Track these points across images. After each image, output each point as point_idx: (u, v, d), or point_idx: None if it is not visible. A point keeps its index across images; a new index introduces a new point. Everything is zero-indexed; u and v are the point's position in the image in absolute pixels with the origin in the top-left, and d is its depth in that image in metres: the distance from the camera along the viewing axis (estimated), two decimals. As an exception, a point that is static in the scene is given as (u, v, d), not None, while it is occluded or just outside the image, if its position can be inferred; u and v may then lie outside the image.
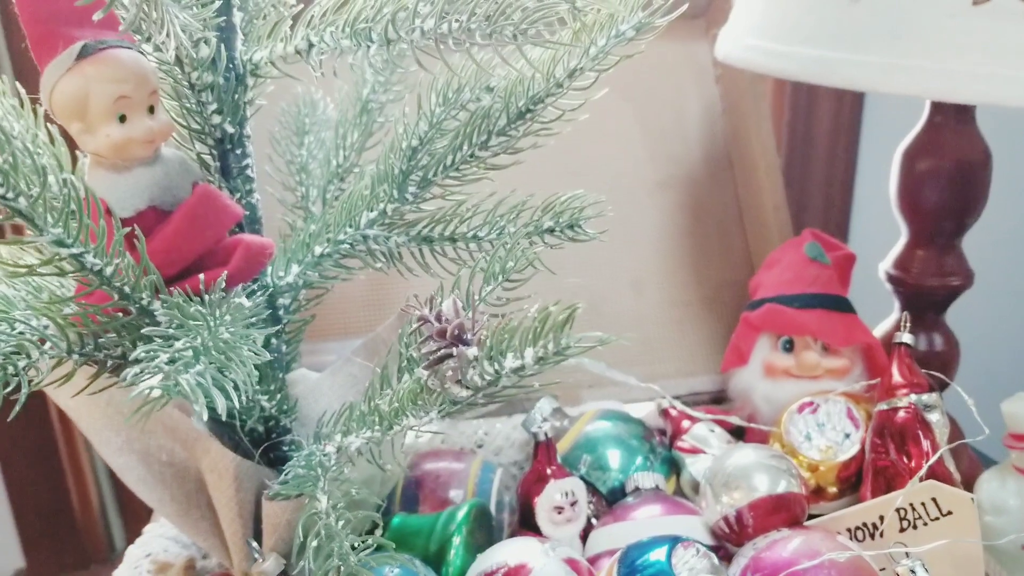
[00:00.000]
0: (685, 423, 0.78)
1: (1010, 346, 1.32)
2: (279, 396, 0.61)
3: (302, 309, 0.65)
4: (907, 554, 0.57)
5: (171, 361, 0.38)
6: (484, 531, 0.69)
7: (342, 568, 0.48)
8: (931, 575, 0.54)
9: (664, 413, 0.81)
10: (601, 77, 0.54)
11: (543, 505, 0.68)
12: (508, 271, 0.46)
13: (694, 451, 0.75)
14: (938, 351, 0.88)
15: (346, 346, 0.71)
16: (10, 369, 0.41)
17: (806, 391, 0.77)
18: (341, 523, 0.50)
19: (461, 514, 0.67)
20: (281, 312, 0.61)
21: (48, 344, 0.44)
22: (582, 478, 0.73)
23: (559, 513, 0.68)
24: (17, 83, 0.53)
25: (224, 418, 0.61)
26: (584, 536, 0.70)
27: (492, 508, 0.73)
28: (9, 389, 0.41)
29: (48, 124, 0.52)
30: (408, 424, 0.51)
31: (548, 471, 0.69)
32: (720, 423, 0.78)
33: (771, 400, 0.79)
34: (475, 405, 0.48)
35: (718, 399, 0.85)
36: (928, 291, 0.86)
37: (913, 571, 0.54)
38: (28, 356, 0.43)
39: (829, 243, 0.86)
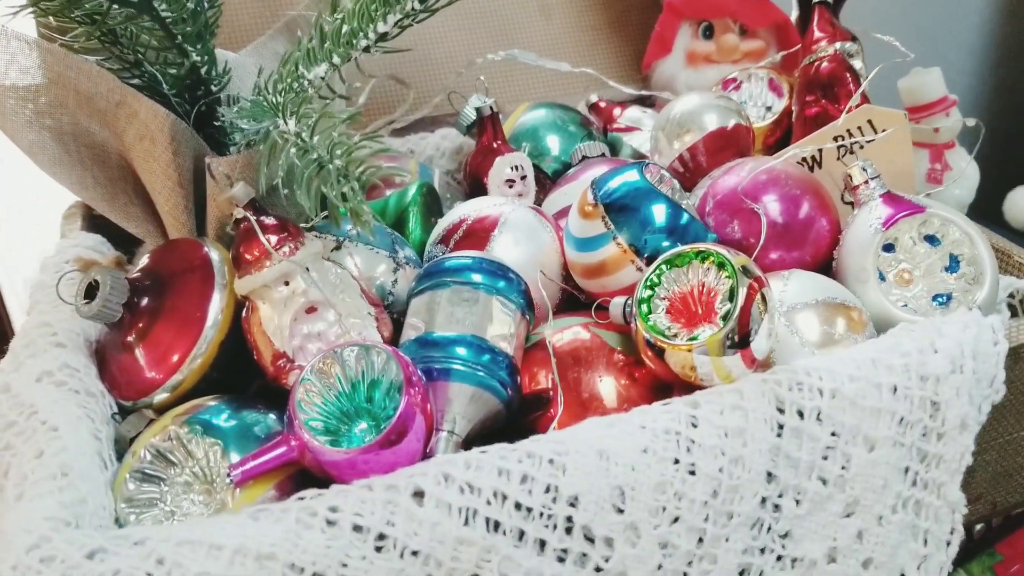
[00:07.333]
0: (616, 111, 0.79)
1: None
2: (207, 56, 0.57)
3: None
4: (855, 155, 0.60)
5: None
6: (436, 210, 0.68)
7: (337, 173, 0.46)
8: (878, 172, 0.58)
9: (593, 107, 0.81)
10: None
11: (494, 179, 0.68)
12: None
13: (629, 130, 0.76)
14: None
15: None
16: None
17: (726, 75, 0.79)
18: (316, 138, 0.48)
19: (413, 190, 0.66)
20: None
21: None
22: (524, 162, 0.73)
23: (510, 187, 0.68)
24: None
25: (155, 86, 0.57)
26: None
27: (436, 201, 0.72)
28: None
29: None
30: (361, 44, 0.50)
31: (495, 145, 0.68)
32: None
33: (694, 87, 0.81)
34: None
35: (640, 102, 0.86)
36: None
37: (865, 168, 0.58)
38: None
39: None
